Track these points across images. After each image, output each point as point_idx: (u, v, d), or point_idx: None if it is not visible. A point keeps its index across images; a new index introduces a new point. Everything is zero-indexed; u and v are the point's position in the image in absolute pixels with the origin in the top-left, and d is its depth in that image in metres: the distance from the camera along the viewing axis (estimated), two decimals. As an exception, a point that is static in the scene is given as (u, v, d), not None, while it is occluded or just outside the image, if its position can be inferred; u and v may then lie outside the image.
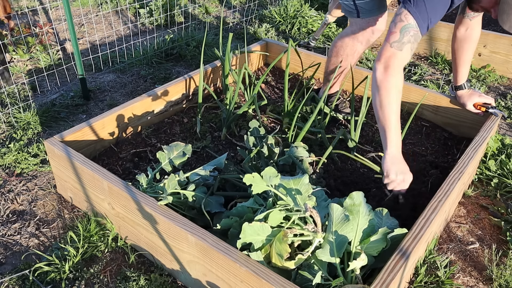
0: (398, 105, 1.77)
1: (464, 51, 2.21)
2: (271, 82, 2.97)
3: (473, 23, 2.14)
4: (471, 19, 2.12)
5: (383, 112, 1.77)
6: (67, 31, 3.84)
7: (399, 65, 1.75)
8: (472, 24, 2.14)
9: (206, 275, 1.55)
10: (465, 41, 2.19)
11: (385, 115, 1.77)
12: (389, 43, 1.75)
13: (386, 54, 1.76)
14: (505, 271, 1.75)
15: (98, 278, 1.72)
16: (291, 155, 1.98)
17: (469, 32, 2.16)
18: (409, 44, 1.74)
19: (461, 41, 2.19)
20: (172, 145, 1.92)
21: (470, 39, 2.17)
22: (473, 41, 2.18)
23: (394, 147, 1.78)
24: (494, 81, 3.28)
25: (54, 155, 1.97)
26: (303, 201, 1.50)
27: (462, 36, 2.18)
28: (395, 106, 1.76)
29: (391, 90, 1.75)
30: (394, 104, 1.76)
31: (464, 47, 2.20)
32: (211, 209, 1.74)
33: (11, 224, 1.96)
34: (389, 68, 1.75)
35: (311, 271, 1.42)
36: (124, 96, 2.97)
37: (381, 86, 1.76)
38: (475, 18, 2.12)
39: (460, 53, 2.22)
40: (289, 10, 4.26)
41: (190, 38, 3.62)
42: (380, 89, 1.77)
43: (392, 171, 1.76)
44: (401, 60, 1.75)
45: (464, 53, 2.21)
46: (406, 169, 1.79)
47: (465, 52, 2.21)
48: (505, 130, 2.71)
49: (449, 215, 1.99)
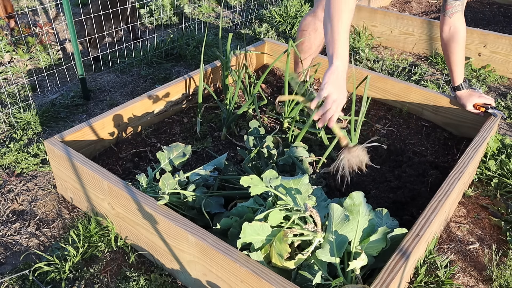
0: (348, 20, 1.71)
1: (452, 51, 2.23)
2: (271, 82, 2.97)
3: (455, 21, 2.17)
4: (451, 16, 2.16)
5: (332, 25, 1.71)
6: (67, 31, 3.83)
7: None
8: (454, 22, 2.18)
9: (206, 275, 1.55)
10: (451, 41, 2.22)
11: (334, 29, 1.70)
12: None
13: None
14: (505, 271, 1.75)
15: (98, 278, 1.72)
16: (291, 155, 1.98)
17: (453, 31, 2.20)
18: None
19: (448, 41, 2.23)
20: (172, 145, 1.92)
21: (456, 38, 2.20)
22: (459, 40, 2.20)
23: (339, 60, 1.70)
24: (494, 81, 3.28)
25: (54, 155, 1.97)
26: (303, 201, 1.50)
27: (447, 36, 2.22)
28: (346, 18, 1.70)
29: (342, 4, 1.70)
30: (345, 16, 1.70)
31: (451, 47, 2.23)
32: (211, 210, 1.74)
33: (11, 224, 1.96)
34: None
35: (311, 271, 1.42)
36: (124, 96, 2.97)
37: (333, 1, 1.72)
38: (454, 14, 2.15)
39: (450, 53, 2.25)
40: (289, 10, 4.27)
41: (190, 38, 3.62)
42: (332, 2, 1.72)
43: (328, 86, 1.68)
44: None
45: (453, 54, 2.23)
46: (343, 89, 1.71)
47: (454, 52, 2.23)
48: (505, 130, 2.71)
49: (449, 215, 1.99)
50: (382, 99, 2.70)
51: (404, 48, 3.78)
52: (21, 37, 3.41)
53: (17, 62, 3.31)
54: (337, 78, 1.69)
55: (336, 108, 1.69)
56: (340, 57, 1.70)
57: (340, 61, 1.70)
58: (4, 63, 3.29)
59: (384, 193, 2.01)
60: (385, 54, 3.69)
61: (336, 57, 1.70)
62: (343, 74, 1.70)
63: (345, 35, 1.70)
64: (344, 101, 1.71)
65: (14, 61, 3.31)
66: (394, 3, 4.69)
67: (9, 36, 3.53)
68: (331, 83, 1.68)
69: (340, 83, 1.69)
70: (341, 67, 1.70)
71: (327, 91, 1.68)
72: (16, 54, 3.32)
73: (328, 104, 1.67)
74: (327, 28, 1.74)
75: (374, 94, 2.72)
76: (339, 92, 1.68)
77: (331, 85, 1.67)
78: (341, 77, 1.70)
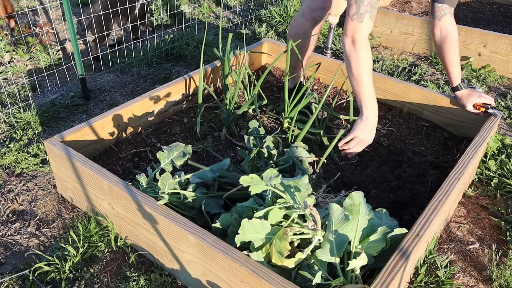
0: (369, 72, 1.95)
1: (446, 52, 2.25)
2: (271, 82, 2.97)
3: (445, 24, 2.21)
4: (440, 19, 2.20)
5: (356, 81, 1.96)
6: (67, 31, 3.84)
7: (364, 36, 1.92)
8: (444, 24, 2.21)
9: (206, 275, 1.55)
10: (444, 43, 2.25)
11: (358, 84, 1.96)
12: (349, 16, 1.91)
13: (350, 28, 1.92)
14: (505, 271, 1.75)
15: (98, 278, 1.72)
16: (291, 155, 1.98)
17: (444, 33, 2.23)
18: (368, 13, 1.89)
19: (441, 43, 2.26)
20: (172, 145, 1.92)
21: (448, 40, 2.23)
22: (451, 41, 2.23)
23: (370, 110, 1.97)
24: (494, 81, 3.28)
25: (54, 155, 1.97)
26: (302, 199, 1.50)
27: (439, 39, 2.26)
28: (367, 74, 1.95)
29: (361, 60, 1.93)
30: (365, 72, 1.94)
31: (445, 49, 2.25)
32: (211, 210, 1.74)
33: (11, 224, 1.96)
34: (356, 42, 1.92)
35: (311, 271, 1.42)
36: (124, 96, 2.97)
37: (352, 59, 1.95)
38: (443, 17, 2.19)
39: (444, 55, 2.27)
40: (289, 10, 4.27)
41: (190, 38, 3.62)
42: (351, 61, 1.95)
43: (361, 134, 1.99)
44: (364, 30, 1.91)
45: (447, 55, 2.26)
46: (372, 136, 2.02)
47: (448, 53, 2.25)
48: (505, 130, 2.71)
49: (449, 215, 1.99)
50: (382, 99, 2.70)
51: (404, 48, 3.78)
52: (21, 37, 3.41)
53: (17, 62, 3.31)
54: (366, 126, 1.99)
55: (359, 148, 2.04)
56: (370, 107, 1.97)
57: (370, 110, 1.98)
58: (4, 63, 3.29)
59: (384, 193, 2.01)
60: (385, 54, 3.70)
61: (365, 107, 1.98)
62: (372, 122, 1.99)
63: (369, 84, 1.96)
64: (369, 143, 2.03)
65: (14, 61, 3.31)
66: (394, 3, 4.70)
67: (9, 36, 3.53)
68: (361, 131, 2.00)
69: (369, 130, 2.00)
70: (371, 116, 1.98)
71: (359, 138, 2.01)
72: (16, 54, 3.32)
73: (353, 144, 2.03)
74: (352, 82, 1.99)
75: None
76: (367, 136, 2.01)
77: (363, 134, 2.00)
78: (370, 124, 1.99)
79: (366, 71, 1.94)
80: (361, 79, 1.95)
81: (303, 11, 2.46)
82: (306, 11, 2.43)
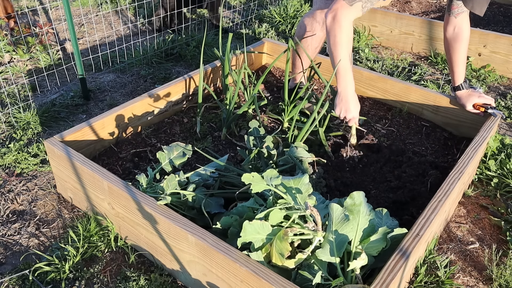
0: (347, 49, 1.96)
1: (455, 51, 2.23)
2: (271, 82, 2.97)
3: (460, 22, 2.19)
4: (456, 17, 2.17)
5: (333, 56, 1.99)
6: (67, 31, 3.84)
7: (347, 18, 1.91)
8: (459, 22, 2.19)
9: (206, 275, 1.55)
10: (454, 41, 2.22)
11: (335, 59, 1.98)
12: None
13: (336, 5, 1.92)
14: (505, 271, 1.75)
15: (98, 278, 1.72)
16: (291, 155, 1.98)
17: (457, 31, 2.21)
18: (360, 2, 1.89)
19: (451, 41, 2.24)
20: (172, 145, 1.92)
21: (459, 39, 2.21)
22: (462, 40, 2.21)
23: (341, 87, 2.03)
24: (494, 81, 3.28)
25: (54, 155, 1.97)
26: (303, 200, 1.50)
27: (451, 36, 2.23)
28: (344, 50, 1.95)
29: (339, 37, 1.93)
30: (343, 49, 1.95)
31: (454, 47, 2.23)
32: (211, 210, 1.74)
33: (11, 224, 1.96)
34: (336, 18, 1.91)
35: (311, 271, 1.42)
36: (124, 96, 2.97)
37: (330, 34, 1.95)
38: (460, 15, 2.16)
39: (452, 53, 2.25)
40: (289, 10, 4.27)
41: (190, 38, 3.62)
42: (330, 36, 1.96)
43: (337, 108, 2.08)
44: (348, 13, 1.91)
45: (456, 53, 2.24)
46: (350, 107, 2.06)
47: (456, 52, 2.23)
48: (505, 130, 2.71)
49: (449, 215, 1.99)
50: (382, 99, 2.70)
51: (404, 48, 3.78)
52: (21, 37, 3.41)
53: (17, 62, 3.31)
54: (340, 100, 2.07)
55: (349, 121, 2.12)
56: (342, 85, 2.03)
57: (342, 87, 2.03)
58: (4, 63, 3.29)
59: (384, 193, 2.01)
60: (385, 54, 3.69)
61: (339, 84, 2.04)
62: (345, 97, 2.04)
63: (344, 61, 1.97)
64: (353, 114, 2.08)
65: (14, 61, 3.31)
66: (394, 3, 4.69)
67: (9, 36, 3.53)
68: (338, 106, 2.09)
69: (344, 102, 2.06)
70: (343, 92, 2.04)
71: (337, 113, 2.10)
72: (16, 54, 3.32)
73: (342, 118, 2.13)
74: (331, 58, 2.02)
75: (374, 94, 2.72)
76: (346, 110, 2.07)
77: (338, 108, 2.09)
78: (344, 99, 2.05)
79: (341, 47, 1.94)
80: (337, 55, 1.96)
81: (313, 13, 2.46)
82: (317, 13, 2.43)
